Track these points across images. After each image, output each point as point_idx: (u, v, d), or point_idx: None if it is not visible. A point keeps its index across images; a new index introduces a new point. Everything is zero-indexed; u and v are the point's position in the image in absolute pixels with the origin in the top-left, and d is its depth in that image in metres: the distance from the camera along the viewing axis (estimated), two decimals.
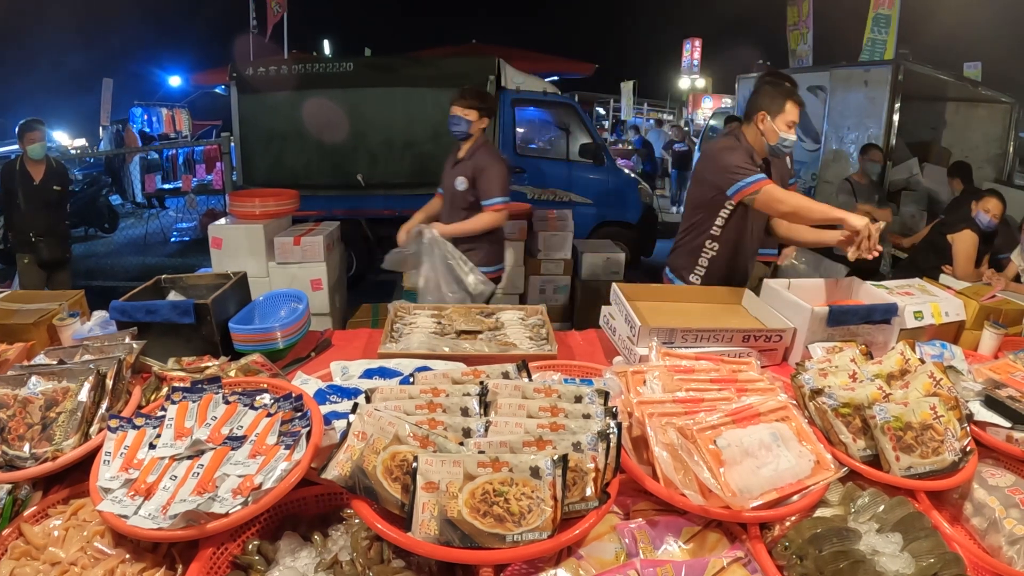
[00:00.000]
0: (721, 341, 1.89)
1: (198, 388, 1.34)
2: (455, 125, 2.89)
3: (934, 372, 1.44)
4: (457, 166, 2.96)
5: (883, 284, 2.25)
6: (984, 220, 3.69)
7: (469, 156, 2.93)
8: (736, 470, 1.18)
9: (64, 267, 4.65)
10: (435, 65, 5.79)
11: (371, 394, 1.28)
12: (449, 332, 2.07)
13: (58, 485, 1.30)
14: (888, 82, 5.35)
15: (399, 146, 5.77)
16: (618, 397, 1.38)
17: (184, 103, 14.20)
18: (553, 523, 1.03)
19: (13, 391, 1.33)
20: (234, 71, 5.58)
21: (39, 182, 4.41)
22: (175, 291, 2.13)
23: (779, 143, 2.33)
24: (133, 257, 7.95)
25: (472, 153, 2.93)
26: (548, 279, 4.84)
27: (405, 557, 1.08)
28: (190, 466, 1.17)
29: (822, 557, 1.07)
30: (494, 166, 2.91)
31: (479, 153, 2.93)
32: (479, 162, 2.90)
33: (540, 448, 1.12)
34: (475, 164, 2.90)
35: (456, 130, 2.90)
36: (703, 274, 2.55)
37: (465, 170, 2.91)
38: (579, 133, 6.43)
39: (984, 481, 1.34)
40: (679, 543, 1.13)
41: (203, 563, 1.06)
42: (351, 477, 1.08)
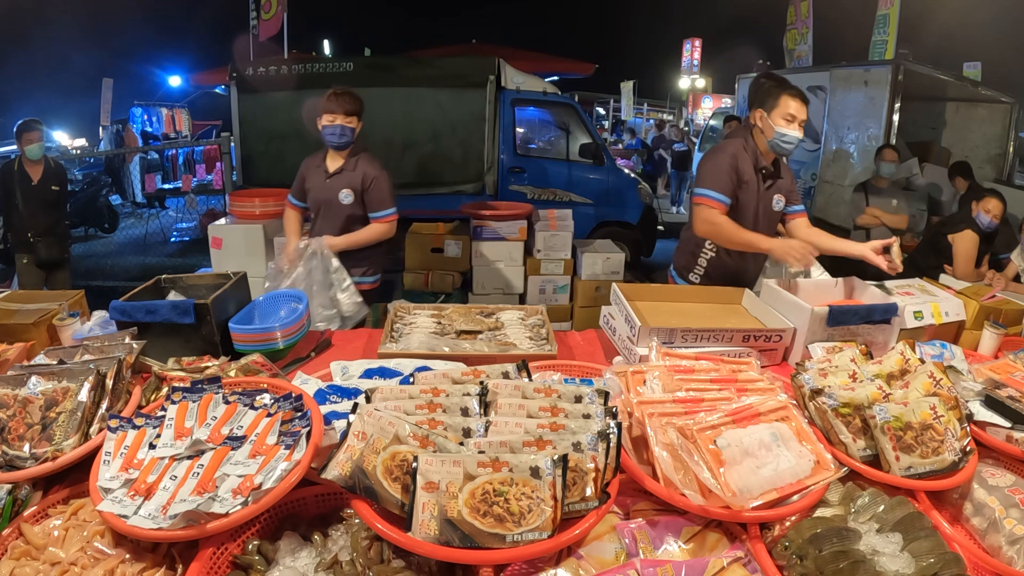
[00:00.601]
0: (721, 341, 1.89)
1: (198, 388, 1.34)
2: (341, 136, 2.72)
3: (934, 372, 1.44)
4: (336, 177, 2.79)
5: (883, 284, 2.25)
6: (985, 220, 3.69)
7: (352, 167, 2.79)
8: (736, 470, 1.18)
9: (63, 267, 4.65)
10: (435, 65, 5.79)
11: (371, 394, 1.28)
12: (449, 332, 2.07)
13: (58, 485, 1.30)
14: (888, 82, 5.36)
15: (399, 146, 5.76)
16: (618, 397, 1.38)
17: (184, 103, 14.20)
18: (553, 523, 1.03)
19: (13, 391, 1.33)
20: (234, 71, 5.58)
21: (37, 182, 4.41)
22: (175, 291, 2.13)
23: (776, 138, 2.30)
24: (133, 257, 7.95)
25: (355, 164, 2.79)
26: (548, 279, 4.84)
27: (405, 557, 1.08)
28: (190, 466, 1.17)
29: (822, 557, 1.07)
30: (381, 176, 2.80)
31: (362, 163, 2.80)
32: (367, 173, 2.77)
33: (540, 448, 1.12)
34: (362, 176, 2.77)
35: (341, 141, 2.74)
36: (702, 274, 2.55)
37: (350, 182, 2.77)
38: (579, 133, 6.43)
39: (984, 481, 1.34)
40: (679, 543, 1.13)
41: (203, 563, 1.06)
42: (351, 477, 1.08)
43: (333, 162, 2.83)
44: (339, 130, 2.71)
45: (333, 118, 2.70)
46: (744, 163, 2.36)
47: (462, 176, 5.84)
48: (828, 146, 6.28)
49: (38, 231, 4.42)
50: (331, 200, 2.80)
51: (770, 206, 2.45)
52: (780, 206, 2.48)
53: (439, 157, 5.80)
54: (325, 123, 2.72)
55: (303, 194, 2.92)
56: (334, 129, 2.71)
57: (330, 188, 2.80)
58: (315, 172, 2.86)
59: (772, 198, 2.44)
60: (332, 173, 2.81)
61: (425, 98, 5.62)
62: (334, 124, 2.70)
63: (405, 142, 5.76)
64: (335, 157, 2.84)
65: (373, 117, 5.65)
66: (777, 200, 2.46)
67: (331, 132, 2.72)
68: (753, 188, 2.38)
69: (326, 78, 5.57)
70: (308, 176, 2.89)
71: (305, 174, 2.90)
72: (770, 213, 2.46)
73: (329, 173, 2.81)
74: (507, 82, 5.85)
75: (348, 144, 2.78)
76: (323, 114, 2.72)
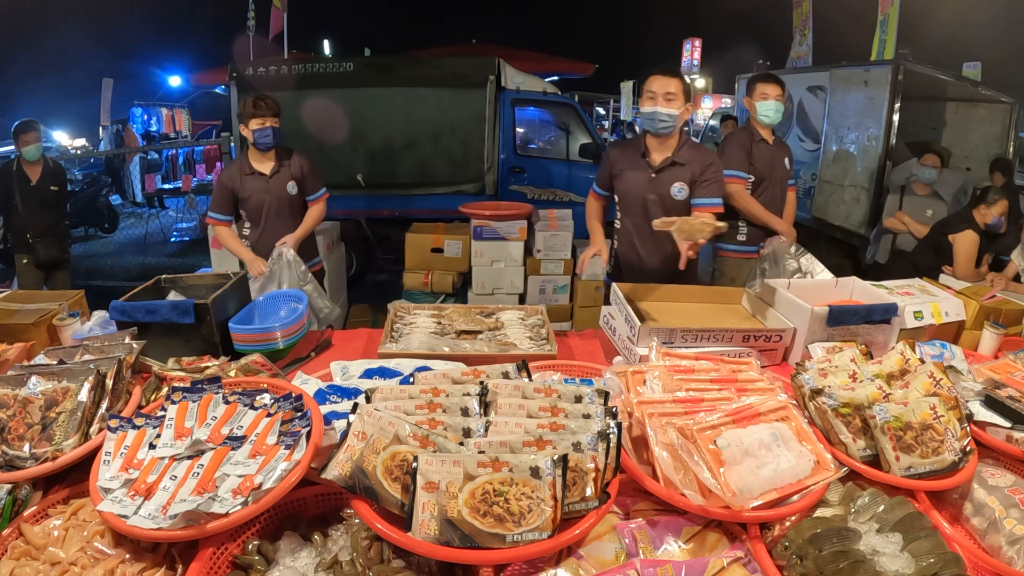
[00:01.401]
0: (721, 341, 1.89)
1: (198, 388, 1.34)
2: (273, 136, 2.90)
3: (934, 372, 1.44)
4: (277, 175, 2.98)
5: (883, 284, 2.25)
6: (994, 219, 3.69)
7: (286, 160, 3.01)
8: (736, 470, 1.18)
9: (63, 267, 4.64)
10: (435, 65, 5.79)
11: (371, 394, 1.28)
12: (449, 332, 2.07)
13: (58, 485, 1.30)
14: (888, 82, 5.35)
15: (399, 146, 5.77)
16: (618, 397, 1.38)
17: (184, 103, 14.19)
18: (553, 523, 1.03)
19: (13, 391, 1.33)
20: (234, 71, 5.58)
21: (36, 183, 4.41)
22: (175, 291, 2.13)
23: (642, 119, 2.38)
24: (133, 257, 7.95)
25: (287, 156, 3.02)
26: (548, 279, 4.84)
27: (405, 557, 1.08)
28: (190, 466, 1.17)
29: (822, 557, 1.07)
30: (308, 162, 3.07)
31: (292, 155, 3.04)
32: (300, 163, 3.03)
33: (540, 448, 1.12)
34: (300, 165, 3.03)
35: (274, 141, 2.92)
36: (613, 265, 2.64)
37: (292, 174, 3.00)
38: (579, 133, 6.43)
39: (984, 481, 1.34)
40: (679, 543, 1.13)
41: (203, 563, 1.06)
42: (351, 477, 1.08)
43: (264, 163, 2.99)
44: (271, 131, 2.89)
45: (263, 122, 2.87)
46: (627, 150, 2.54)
47: (462, 176, 5.84)
48: (828, 146, 6.27)
49: (37, 231, 4.42)
50: (282, 197, 3.00)
51: (668, 194, 2.42)
52: (682, 194, 2.42)
53: (439, 157, 5.80)
54: (255, 127, 2.88)
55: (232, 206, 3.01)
56: (266, 131, 2.88)
57: (272, 187, 2.98)
58: (249, 180, 2.98)
59: (670, 186, 2.42)
60: (272, 173, 2.98)
61: (425, 98, 5.62)
62: (265, 127, 2.88)
63: (405, 142, 5.76)
64: (264, 158, 2.99)
65: (373, 117, 5.71)
66: (678, 188, 2.42)
67: (264, 134, 2.88)
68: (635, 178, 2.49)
69: (326, 78, 5.58)
70: (240, 186, 2.98)
71: (233, 186, 2.98)
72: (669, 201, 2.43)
73: (268, 174, 2.98)
74: (507, 82, 5.85)
75: (275, 144, 2.97)
76: (250, 120, 2.87)
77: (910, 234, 4.58)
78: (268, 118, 2.87)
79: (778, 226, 3.25)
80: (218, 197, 3.01)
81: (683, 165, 2.42)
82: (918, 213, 4.69)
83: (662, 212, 2.39)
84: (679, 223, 2.04)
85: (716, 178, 2.43)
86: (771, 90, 3.19)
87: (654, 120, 2.34)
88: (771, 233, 3.26)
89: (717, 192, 2.44)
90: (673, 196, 2.43)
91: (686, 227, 2.03)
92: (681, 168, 2.42)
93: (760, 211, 3.27)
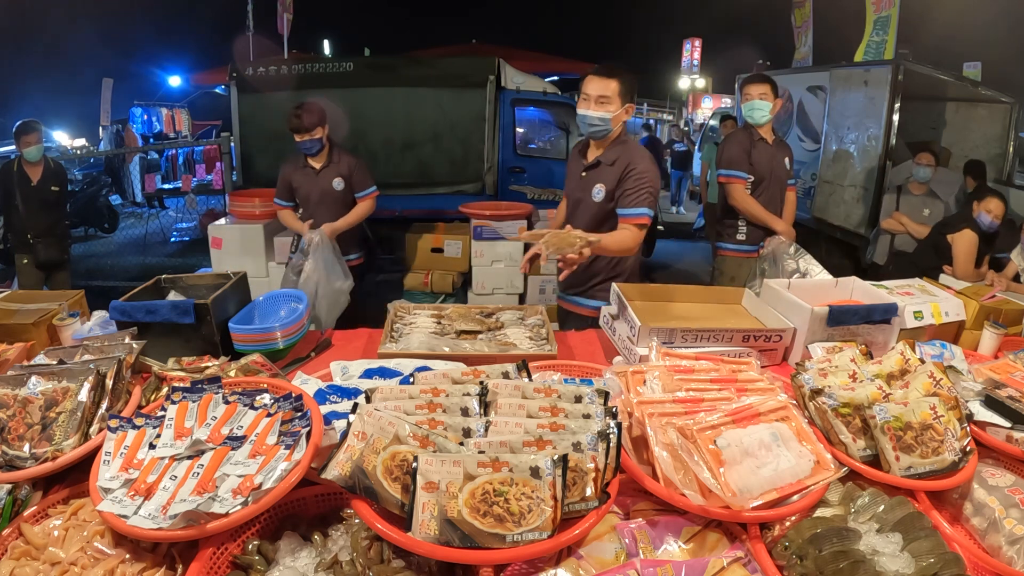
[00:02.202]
0: (721, 341, 1.89)
1: (198, 388, 1.34)
2: (312, 147, 3.30)
3: (934, 372, 1.44)
4: (325, 171, 3.40)
5: (883, 284, 2.25)
6: (986, 221, 3.69)
7: (336, 160, 3.42)
8: (736, 470, 1.18)
9: (63, 268, 4.65)
10: (435, 65, 5.79)
11: (371, 394, 1.28)
12: (449, 332, 2.07)
13: (58, 485, 1.30)
14: (888, 82, 5.35)
15: (399, 146, 5.77)
16: (618, 397, 1.38)
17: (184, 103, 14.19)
18: (553, 523, 1.03)
19: (13, 391, 1.33)
20: (234, 71, 5.58)
21: (37, 183, 4.41)
22: (175, 291, 2.13)
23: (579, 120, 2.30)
24: (133, 257, 7.95)
25: (338, 157, 3.42)
26: (548, 279, 4.83)
27: (405, 557, 1.08)
28: (190, 466, 1.17)
29: (822, 557, 1.07)
30: (359, 162, 3.50)
31: (342, 155, 3.44)
32: (349, 162, 3.44)
33: (540, 448, 1.12)
34: (347, 164, 3.43)
35: (315, 150, 3.33)
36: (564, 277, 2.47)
37: (339, 171, 3.41)
38: (579, 133, 6.42)
39: (984, 481, 1.34)
40: (679, 543, 1.13)
41: (203, 563, 1.06)
42: (351, 477, 1.08)
43: (317, 160, 3.42)
44: (308, 143, 3.30)
45: (301, 136, 3.28)
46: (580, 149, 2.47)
47: (462, 176, 5.84)
48: (828, 146, 6.27)
49: (38, 232, 4.42)
50: (326, 190, 3.42)
51: (588, 196, 2.34)
52: (599, 197, 2.31)
53: (439, 157, 5.80)
54: (298, 140, 3.30)
55: (291, 194, 3.49)
56: (304, 144, 3.31)
57: (321, 182, 3.41)
58: (301, 172, 3.43)
59: (591, 188, 2.34)
60: (321, 168, 3.41)
61: (425, 98, 5.62)
62: (303, 140, 3.29)
63: (405, 142, 5.76)
64: (316, 158, 3.41)
65: (373, 117, 5.71)
66: (597, 190, 2.32)
67: (305, 146, 3.32)
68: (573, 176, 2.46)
69: (326, 78, 5.58)
70: (294, 178, 3.45)
71: (290, 177, 3.46)
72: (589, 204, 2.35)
73: (318, 169, 3.41)
74: (507, 82, 5.85)
75: (320, 150, 3.38)
76: (294, 133, 3.29)
77: (908, 234, 4.58)
78: (311, 131, 3.25)
79: (777, 226, 3.25)
80: (280, 185, 3.49)
81: (608, 166, 2.30)
82: (915, 213, 4.69)
83: (587, 215, 2.33)
84: (548, 236, 1.92)
85: (639, 186, 2.23)
86: (754, 90, 3.26)
87: (584, 123, 2.27)
88: (771, 232, 3.27)
89: (641, 201, 2.24)
90: (593, 198, 2.32)
91: (555, 240, 1.91)
92: (604, 169, 2.31)
93: (759, 211, 3.27)
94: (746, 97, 3.29)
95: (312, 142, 3.28)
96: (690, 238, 9.29)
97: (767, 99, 3.24)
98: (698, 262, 7.84)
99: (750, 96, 3.26)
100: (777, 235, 3.17)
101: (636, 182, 2.24)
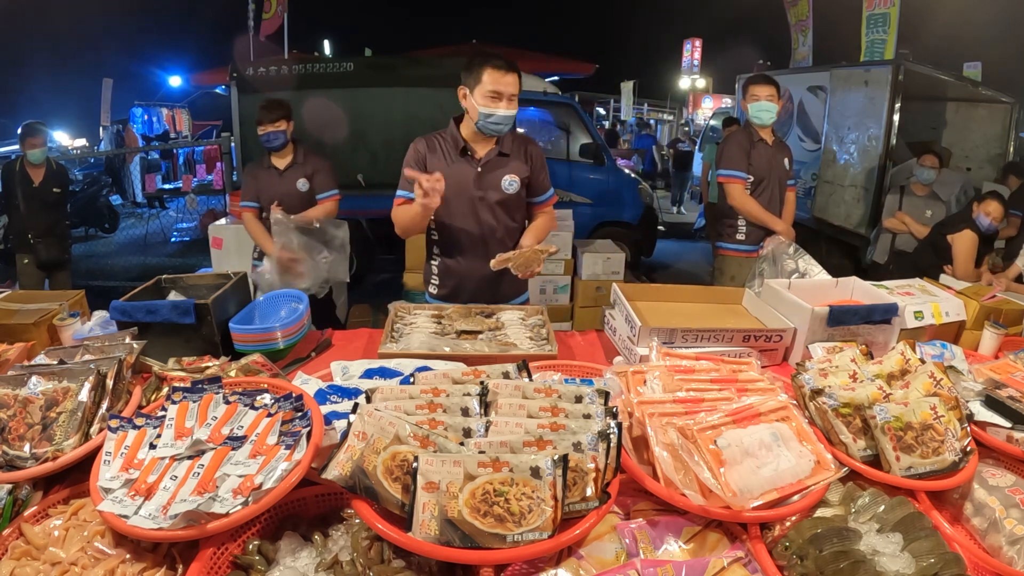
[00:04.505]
0: (721, 341, 1.89)
1: (198, 388, 1.34)
2: (276, 139, 3.22)
3: (934, 372, 1.44)
4: (290, 172, 3.30)
5: (883, 284, 2.25)
6: (984, 222, 3.69)
7: (301, 160, 3.33)
8: (736, 470, 1.18)
9: (63, 268, 4.65)
10: (435, 65, 5.78)
11: (371, 394, 1.28)
12: (449, 332, 2.07)
13: (58, 485, 1.30)
14: (888, 82, 5.35)
15: (399, 146, 5.71)
16: (618, 397, 1.38)
17: (184, 103, 14.20)
18: (553, 523, 1.03)
19: (13, 391, 1.33)
20: (234, 71, 5.58)
21: (39, 184, 4.42)
22: (175, 291, 2.13)
23: (480, 121, 2.13)
24: (133, 257, 7.95)
25: (304, 157, 3.34)
26: (548, 279, 4.84)
27: (405, 557, 1.08)
28: (190, 466, 1.17)
29: (822, 557, 1.07)
30: (325, 162, 3.40)
31: (308, 156, 3.35)
32: (314, 161, 3.35)
33: (540, 448, 1.12)
34: (313, 164, 3.35)
35: (278, 143, 3.24)
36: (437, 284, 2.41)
37: (304, 172, 3.32)
38: (579, 133, 6.43)
39: (984, 481, 1.34)
40: (679, 543, 1.13)
41: (203, 563, 1.06)
42: (351, 477, 1.08)
43: (280, 160, 3.33)
44: (275, 135, 3.22)
45: (264, 128, 3.21)
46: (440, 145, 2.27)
47: None
48: (828, 146, 6.27)
49: (39, 232, 4.43)
50: (290, 192, 3.31)
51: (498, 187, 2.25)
52: (513, 188, 2.25)
53: None
54: (261, 131, 3.22)
55: (256, 194, 3.35)
56: (270, 135, 3.22)
57: (284, 183, 3.31)
58: (265, 173, 3.34)
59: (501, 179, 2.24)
60: (285, 169, 3.32)
61: (425, 98, 5.61)
62: (266, 132, 3.21)
63: (405, 142, 5.72)
64: (280, 155, 3.32)
65: (373, 117, 5.70)
66: (509, 182, 2.25)
67: (269, 137, 3.22)
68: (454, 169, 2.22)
69: (326, 78, 5.57)
70: (258, 177, 3.35)
71: (254, 177, 3.36)
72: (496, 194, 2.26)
73: (281, 169, 3.32)
74: None
75: (284, 144, 3.28)
76: (259, 124, 3.21)
77: (910, 234, 4.57)
78: (274, 122, 3.17)
79: (776, 226, 3.26)
80: (245, 185, 3.39)
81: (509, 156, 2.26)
82: (917, 213, 4.67)
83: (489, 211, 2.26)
84: (514, 258, 2.09)
85: (543, 163, 2.34)
86: (761, 91, 3.24)
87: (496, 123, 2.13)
88: (770, 232, 3.27)
89: (549, 183, 2.38)
90: (504, 190, 2.25)
91: (522, 260, 2.10)
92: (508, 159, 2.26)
93: (759, 211, 3.27)
94: (754, 98, 3.27)
95: (276, 134, 3.20)
96: (690, 238, 9.30)
97: (773, 100, 3.24)
98: (698, 262, 7.85)
99: (758, 97, 3.24)
100: (776, 235, 3.17)
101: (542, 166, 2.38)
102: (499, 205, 2.28)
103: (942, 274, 3.25)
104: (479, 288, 2.35)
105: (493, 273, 2.17)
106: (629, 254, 5.51)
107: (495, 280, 2.31)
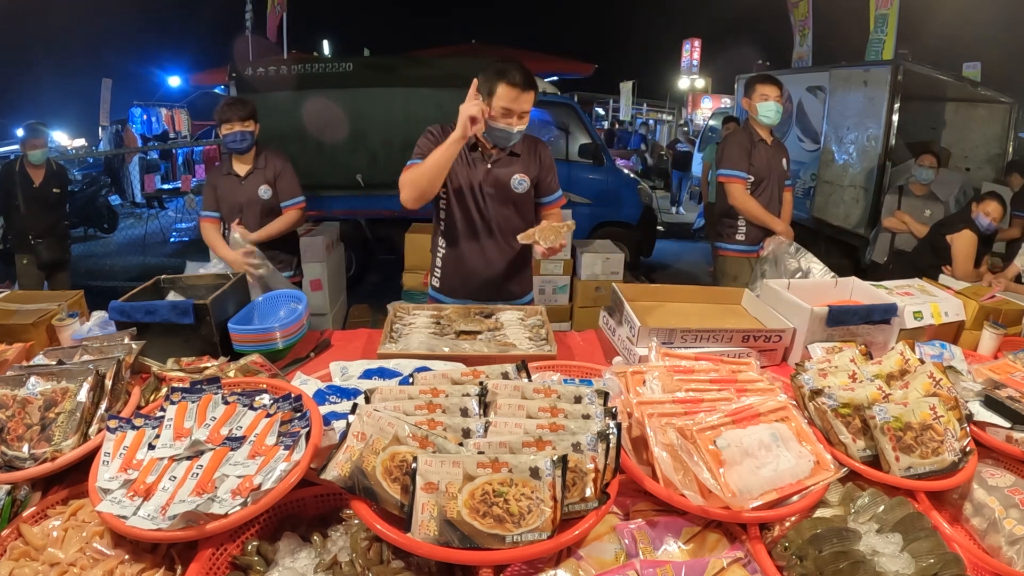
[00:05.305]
0: (721, 341, 1.89)
1: (197, 388, 1.34)
2: (242, 141, 2.95)
3: (934, 372, 1.44)
4: (251, 178, 3.04)
5: (883, 284, 2.25)
6: (984, 223, 3.69)
7: (263, 164, 3.05)
8: (736, 470, 1.18)
9: (63, 268, 4.65)
10: (435, 65, 5.78)
11: (370, 394, 1.28)
12: (448, 332, 2.06)
13: (57, 486, 1.30)
14: (888, 82, 5.35)
15: (399, 146, 5.75)
16: (618, 397, 1.38)
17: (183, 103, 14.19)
18: (553, 523, 1.03)
19: (12, 391, 1.33)
20: (233, 71, 5.57)
21: (39, 184, 4.42)
22: (174, 291, 2.12)
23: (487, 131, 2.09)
24: (133, 257, 7.95)
25: (264, 161, 3.06)
26: (548, 279, 4.84)
27: (404, 558, 1.07)
28: (189, 467, 1.17)
29: (822, 557, 1.07)
30: (288, 167, 3.11)
31: (270, 158, 3.07)
32: (276, 166, 3.07)
33: (540, 448, 1.12)
34: (275, 168, 3.07)
35: (243, 145, 2.97)
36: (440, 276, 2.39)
37: (265, 178, 3.04)
38: (578, 133, 6.42)
39: (984, 481, 1.34)
40: (679, 543, 1.13)
41: (202, 564, 1.06)
42: (350, 478, 1.08)
43: (241, 165, 3.06)
44: (238, 136, 2.93)
45: (231, 126, 2.92)
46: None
47: None
48: (827, 146, 6.28)
49: (38, 232, 4.43)
50: (252, 199, 3.03)
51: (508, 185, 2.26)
52: (523, 188, 2.26)
53: None
54: (225, 132, 2.94)
55: (217, 203, 3.07)
56: (233, 136, 2.93)
57: (246, 189, 3.03)
58: (225, 179, 3.06)
59: (511, 178, 2.25)
60: (246, 175, 3.04)
61: (425, 98, 5.61)
62: (233, 131, 2.93)
63: (405, 142, 5.70)
64: (242, 160, 3.05)
65: (373, 117, 5.70)
66: (518, 181, 2.25)
67: (232, 139, 2.95)
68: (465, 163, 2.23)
69: (326, 78, 5.57)
70: (219, 185, 3.07)
71: (214, 184, 3.09)
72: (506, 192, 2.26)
73: (242, 176, 3.04)
74: None
75: (250, 147, 3.01)
76: (221, 124, 2.94)
77: (910, 234, 4.57)
78: (237, 122, 2.91)
79: (776, 226, 3.26)
80: (206, 194, 3.10)
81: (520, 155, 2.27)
82: (916, 213, 4.68)
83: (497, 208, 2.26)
84: (538, 232, 2.03)
85: (552, 165, 2.36)
86: (771, 91, 3.24)
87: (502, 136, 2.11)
88: (770, 232, 3.27)
89: (557, 184, 2.42)
90: (514, 189, 2.26)
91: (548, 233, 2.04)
92: (518, 159, 2.26)
93: (759, 211, 3.28)
94: (763, 97, 3.25)
95: (242, 134, 2.92)
96: (690, 238, 9.30)
97: (779, 101, 3.25)
98: (698, 262, 7.85)
99: (767, 97, 3.24)
100: (776, 235, 3.18)
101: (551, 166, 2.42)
102: (508, 203, 2.28)
103: (941, 274, 3.25)
104: (481, 286, 2.34)
105: (496, 271, 2.16)
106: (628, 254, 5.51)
107: (499, 278, 2.32)
